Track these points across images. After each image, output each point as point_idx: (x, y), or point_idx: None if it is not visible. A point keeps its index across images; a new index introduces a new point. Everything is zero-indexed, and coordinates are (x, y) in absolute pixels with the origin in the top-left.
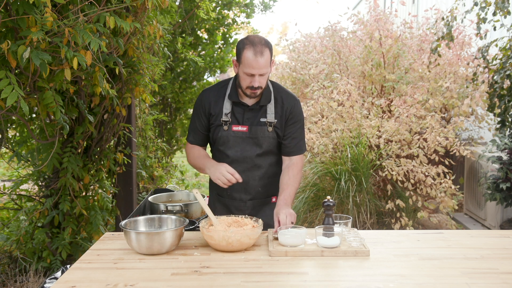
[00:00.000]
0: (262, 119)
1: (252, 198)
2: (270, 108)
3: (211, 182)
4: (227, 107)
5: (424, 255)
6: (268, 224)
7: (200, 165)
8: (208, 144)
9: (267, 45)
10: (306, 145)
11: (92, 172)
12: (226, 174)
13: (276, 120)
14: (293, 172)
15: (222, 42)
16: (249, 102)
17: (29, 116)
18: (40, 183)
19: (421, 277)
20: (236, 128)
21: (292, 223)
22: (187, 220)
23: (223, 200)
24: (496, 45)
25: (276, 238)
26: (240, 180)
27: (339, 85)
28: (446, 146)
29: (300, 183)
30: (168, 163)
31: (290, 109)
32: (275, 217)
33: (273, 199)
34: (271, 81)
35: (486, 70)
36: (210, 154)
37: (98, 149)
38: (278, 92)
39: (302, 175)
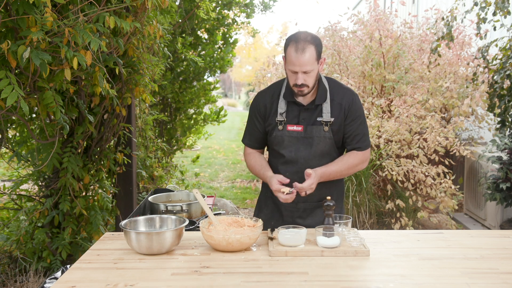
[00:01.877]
0: (319, 119)
1: (305, 200)
2: (326, 107)
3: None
4: (282, 106)
5: (424, 255)
6: (315, 226)
7: (261, 176)
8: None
9: (313, 41)
10: (369, 140)
11: (92, 172)
12: (281, 196)
13: (332, 119)
14: (351, 157)
15: (222, 42)
16: (304, 101)
17: (29, 116)
18: (40, 183)
19: (421, 277)
20: (291, 128)
21: (305, 193)
22: (187, 220)
23: (275, 199)
24: (496, 45)
25: (271, 239)
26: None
27: None
28: (446, 146)
29: (348, 173)
30: (168, 163)
31: (349, 107)
32: (305, 174)
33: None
34: (327, 78)
35: (486, 70)
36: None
37: (98, 149)
38: (335, 89)
39: (357, 169)
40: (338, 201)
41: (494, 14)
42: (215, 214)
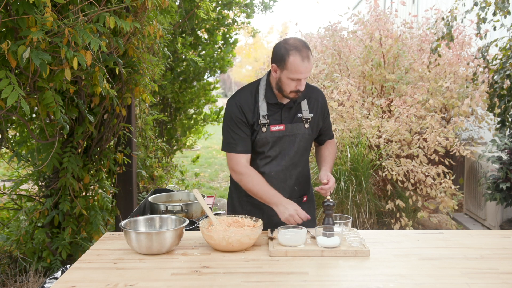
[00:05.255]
0: (299, 115)
1: (289, 197)
2: (304, 105)
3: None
4: (263, 108)
5: (424, 255)
6: (301, 224)
7: (265, 198)
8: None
9: (309, 48)
10: None
11: (92, 172)
12: (296, 217)
13: (311, 115)
14: (332, 148)
15: (222, 42)
16: (285, 100)
17: (29, 116)
18: (40, 183)
19: (421, 277)
20: (274, 128)
21: (331, 193)
22: (187, 220)
23: (255, 201)
24: (496, 45)
25: (271, 239)
26: (309, 218)
27: (340, 85)
28: (446, 146)
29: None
30: (168, 163)
31: (325, 103)
32: (323, 178)
33: (304, 198)
34: None
35: (486, 70)
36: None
37: (98, 149)
38: (307, 88)
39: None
40: (311, 194)
41: (494, 14)
42: (215, 214)
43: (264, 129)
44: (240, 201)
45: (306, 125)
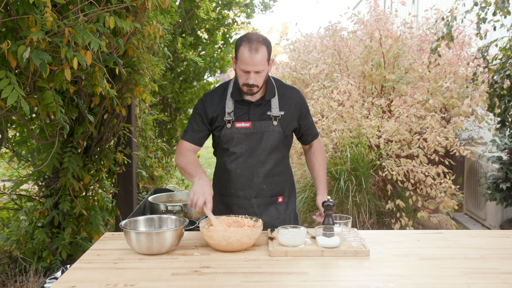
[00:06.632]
0: (268, 113)
1: (257, 195)
2: (275, 102)
3: (213, 182)
4: (229, 106)
5: (424, 255)
6: (272, 225)
7: (188, 172)
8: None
9: (264, 42)
10: None
11: (92, 172)
12: (198, 200)
13: (282, 113)
14: (321, 156)
15: (222, 42)
16: (253, 98)
17: (29, 116)
18: (40, 183)
19: (421, 277)
20: (239, 124)
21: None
22: (187, 220)
23: (225, 200)
24: (496, 45)
25: (271, 239)
26: (206, 211)
27: (340, 85)
28: (446, 146)
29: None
30: (168, 163)
31: (301, 102)
32: (320, 204)
33: (279, 199)
34: (271, 76)
35: (486, 70)
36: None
37: (98, 149)
38: (282, 86)
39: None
40: (291, 196)
41: (494, 14)
42: (215, 214)
43: (229, 125)
44: (216, 201)
45: (275, 123)
